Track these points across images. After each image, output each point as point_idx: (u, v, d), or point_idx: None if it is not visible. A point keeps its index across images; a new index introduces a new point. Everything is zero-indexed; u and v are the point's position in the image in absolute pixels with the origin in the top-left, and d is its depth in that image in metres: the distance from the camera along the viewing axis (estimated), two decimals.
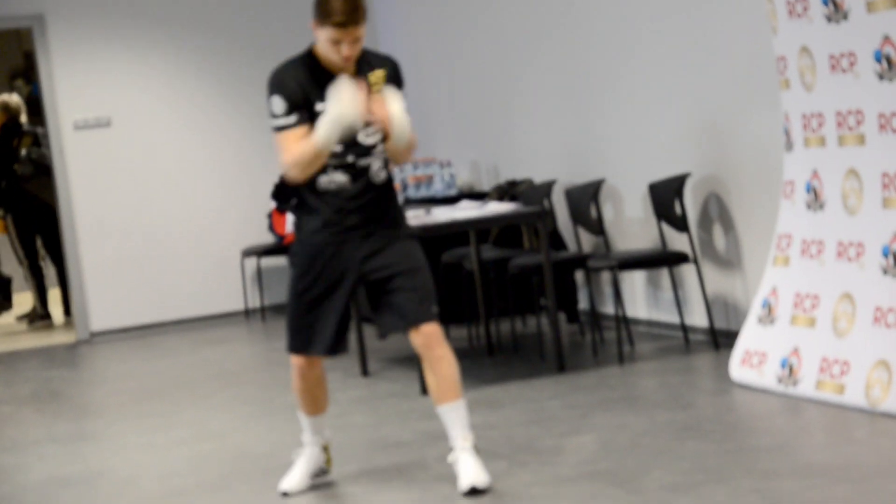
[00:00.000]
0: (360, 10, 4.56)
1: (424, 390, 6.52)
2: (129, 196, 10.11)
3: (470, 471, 4.64)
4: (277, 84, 4.65)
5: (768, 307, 5.94)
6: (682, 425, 5.33)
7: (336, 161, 4.67)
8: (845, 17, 5.39)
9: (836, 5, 5.42)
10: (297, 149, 4.60)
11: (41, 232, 10.71)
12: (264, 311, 10.23)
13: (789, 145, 5.91)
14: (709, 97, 6.87)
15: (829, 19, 5.47)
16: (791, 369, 5.70)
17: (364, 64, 4.71)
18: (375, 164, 4.74)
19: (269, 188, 10.30)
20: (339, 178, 4.70)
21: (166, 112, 10.21)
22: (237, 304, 10.31)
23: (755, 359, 5.92)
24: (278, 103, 4.63)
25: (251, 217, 10.34)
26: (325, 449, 5.05)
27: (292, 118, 4.64)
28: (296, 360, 4.92)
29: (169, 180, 10.20)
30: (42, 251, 10.87)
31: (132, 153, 10.11)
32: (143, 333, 10.00)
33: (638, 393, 6.20)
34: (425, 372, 4.75)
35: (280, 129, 4.65)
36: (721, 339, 6.82)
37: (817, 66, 5.61)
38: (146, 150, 10.15)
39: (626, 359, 6.87)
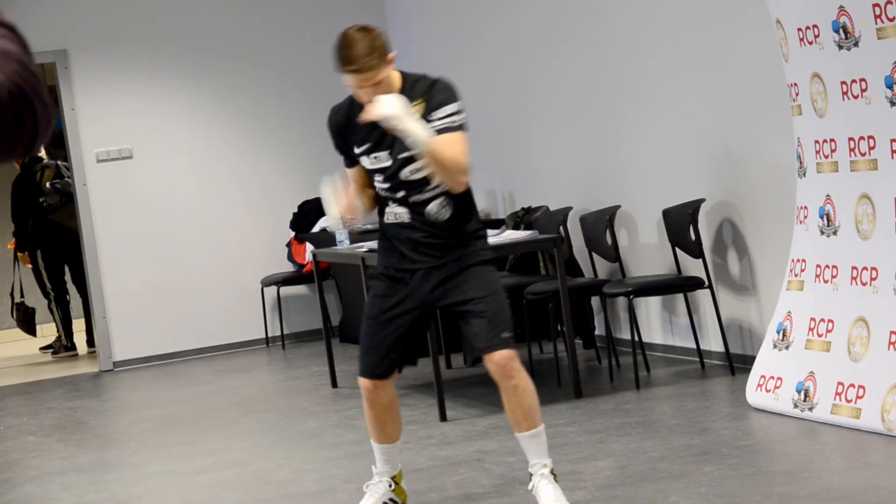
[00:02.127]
0: (376, 55, 4.49)
1: (443, 417, 6.57)
2: (151, 227, 10.19)
3: (549, 497, 4.59)
4: (328, 128, 4.85)
5: (783, 332, 5.98)
6: (699, 450, 5.37)
7: (391, 195, 4.69)
8: (856, 43, 5.44)
9: (846, 32, 5.47)
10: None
11: (69, 261, 10.83)
12: (284, 340, 10.29)
13: (802, 171, 5.95)
14: (722, 123, 6.92)
15: (839, 46, 5.53)
16: (807, 393, 5.73)
17: (405, 91, 4.62)
18: (433, 200, 4.64)
19: (288, 217, 10.39)
20: (399, 211, 4.69)
21: (186, 143, 10.31)
22: (258, 333, 10.37)
23: (771, 383, 5.95)
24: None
25: (271, 246, 10.41)
26: (396, 481, 4.97)
27: (345, 161, 4.85)
28: (361, 384, 4.87)
29: (189, 211, 10.29)
30: (68, 282, 10.99)
31: (153, 184, 10.21)
32: (166, 363, 10.07)
33: (654, 418, 6.23)
34: (502, 398, 4.68)
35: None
36: (737, 364, 6.85)
37: (829, 93, 5.66)
38: (167, 181, 10.25)
39: (643, 384, 6.91)
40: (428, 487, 5.34)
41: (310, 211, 10.34)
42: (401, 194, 4.67)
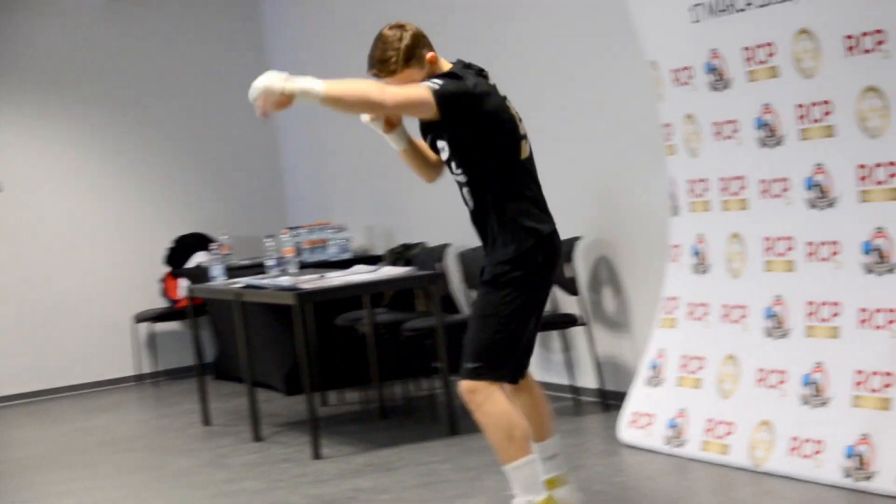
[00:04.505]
0: (392, 60, 4.39)
1: (317, 455, 6.51)
2: (19, 262, 9.98)
3: None
4: None
5: (656, 369, 6.03)
6: (583, 487, 5.37)
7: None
8: (728, 85, 5.54)
9: (719, 74, 5.57)
10: None
11: None
12: (156, 377, 10.13)
13: (675, 210, 6.04)
14: (598, 162, 7.00)
15: (712, 87, 5.62)
16: (678, 430, 5.78)
17: None
18: (464, 185, 4.52)
19: (161, 253, 10.25)
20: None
21: (58, 177, 10.12)
22: (129, 370, 10.19)
23: (643, 420, 6.00)
24: None
25: (144, 281, 10.25)
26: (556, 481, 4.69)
27: None
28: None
29: (60, 246, 10.09)
30: None
31: (23, 219, 10.00)
32: (32, 401, 9.84)
33: None
34: None
35: None
36: (611, 401, 6.90)
37: (702, 133, 5.76)
38: (37, 216, 10.05)
39: None
40: None
41: (185, 246, 10.22)
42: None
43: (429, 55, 4.46)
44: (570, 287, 7.00)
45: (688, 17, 5.64)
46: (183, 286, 9.74)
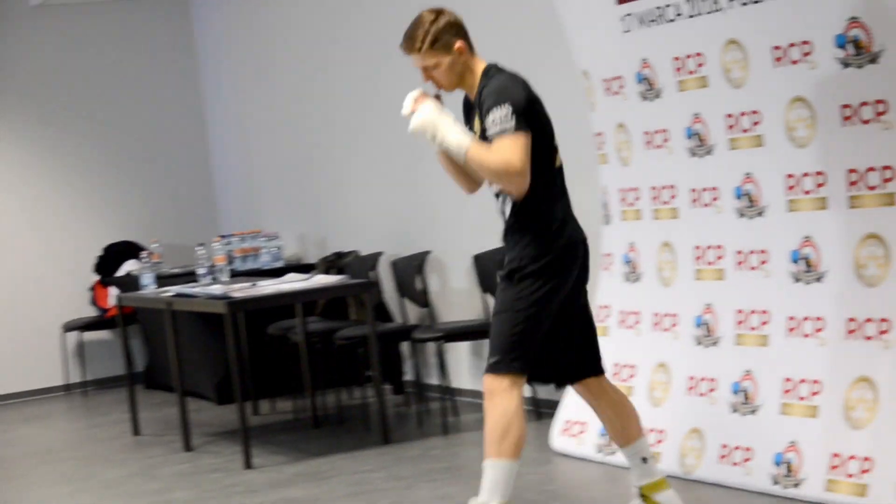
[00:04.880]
0: (420, 40, 4.51)
1: (248, 465, 6.48)
2: None
3: None
4: None
5: None
6: None
7: None
8: (658, 95, 5.59)
9: (650, 84, 5.62)
10: None
11: None
12: (87, 387, 10.04)
13: (607, 218, 6.08)
14: None
15: (643, 97, 5.67)
16: (610, 439, 5.81)
17: (479, 90, 4.56)
18: (501, 196, 4.57)
19: (91, 262, 10.16)
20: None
21: None
22: (57, 380, 10.09)
23: (576, 428, 6.03)
24: None
25: (73, 290, 10.16)
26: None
27: None
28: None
29: None
30: None
31: None
32: None
33: (461, 463, 6.25)
34: None
35: None
36: (543, 409, 6.93)
37: (633, 142, 5.80)
38: None
39: (451, 429, 6.93)
40: None
41: (115, 254, 10.14)
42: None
43: (457, 44, 4.53)
44: None
45: (619, 28, 5.68)
46: (113, 295, 9.66)
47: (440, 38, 4.51)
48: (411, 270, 7.60)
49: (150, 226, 10.34)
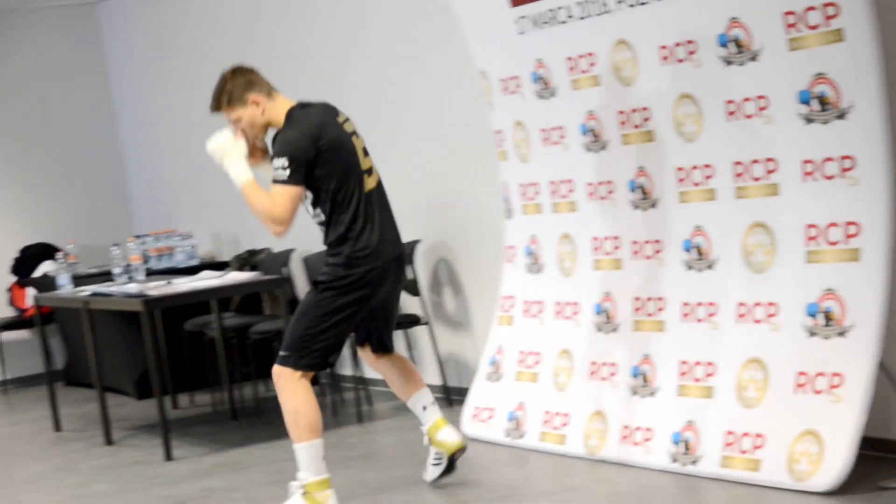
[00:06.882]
0: (223, 98, 5.08)
1: (169, 456, 6.60)
2: None
3: None
4: None
5: (495, 365, 6.27)
6: (417, 479, 5.56)
7: None
8: (553, 93, 5.80)
9: (545, 83, 5.83)
10: None
11: None
12: (6, 385, 10.06)
13: (509, 212, 6.28)
14: (435, 168, 7.21)
15: (539, 96, 5.88)
16: (517, 422, 6.03)
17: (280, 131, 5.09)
18: (321, 223, 5.12)
19: (7, 263, 10.18)
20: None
21: None
22: None
23: (485, 413, 6.23)
24: None
25: None
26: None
27: None
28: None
29: None
30: None
31: None
32: None
33: (376, 450, 6.41)
34: None
35: None
36: (454, 396, 7.13)
37: (531, 139, 6.01)
38: None
39: (365, 418, 7.10)
40: None
41: (32, 256, 10.17)
42: None
43: (251, 97, 5.02)
44: (412, 288, 7.21)
45: (514, 29, 5.87)
46: (30, 295, 9.71)
47: (235, 95, 5.06)
48: (321, 265, 7.73)
49: (65, 227, 10.37)
